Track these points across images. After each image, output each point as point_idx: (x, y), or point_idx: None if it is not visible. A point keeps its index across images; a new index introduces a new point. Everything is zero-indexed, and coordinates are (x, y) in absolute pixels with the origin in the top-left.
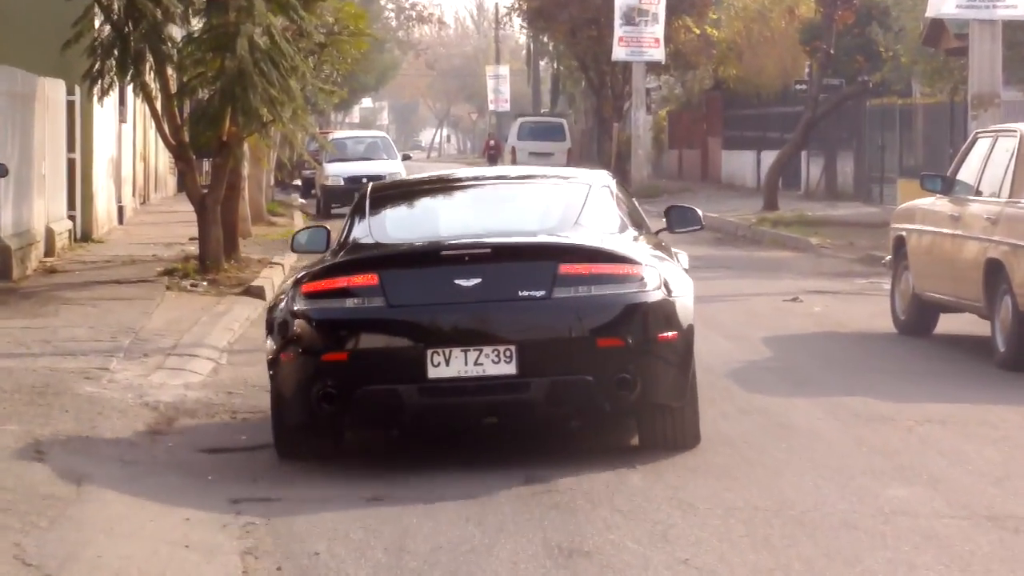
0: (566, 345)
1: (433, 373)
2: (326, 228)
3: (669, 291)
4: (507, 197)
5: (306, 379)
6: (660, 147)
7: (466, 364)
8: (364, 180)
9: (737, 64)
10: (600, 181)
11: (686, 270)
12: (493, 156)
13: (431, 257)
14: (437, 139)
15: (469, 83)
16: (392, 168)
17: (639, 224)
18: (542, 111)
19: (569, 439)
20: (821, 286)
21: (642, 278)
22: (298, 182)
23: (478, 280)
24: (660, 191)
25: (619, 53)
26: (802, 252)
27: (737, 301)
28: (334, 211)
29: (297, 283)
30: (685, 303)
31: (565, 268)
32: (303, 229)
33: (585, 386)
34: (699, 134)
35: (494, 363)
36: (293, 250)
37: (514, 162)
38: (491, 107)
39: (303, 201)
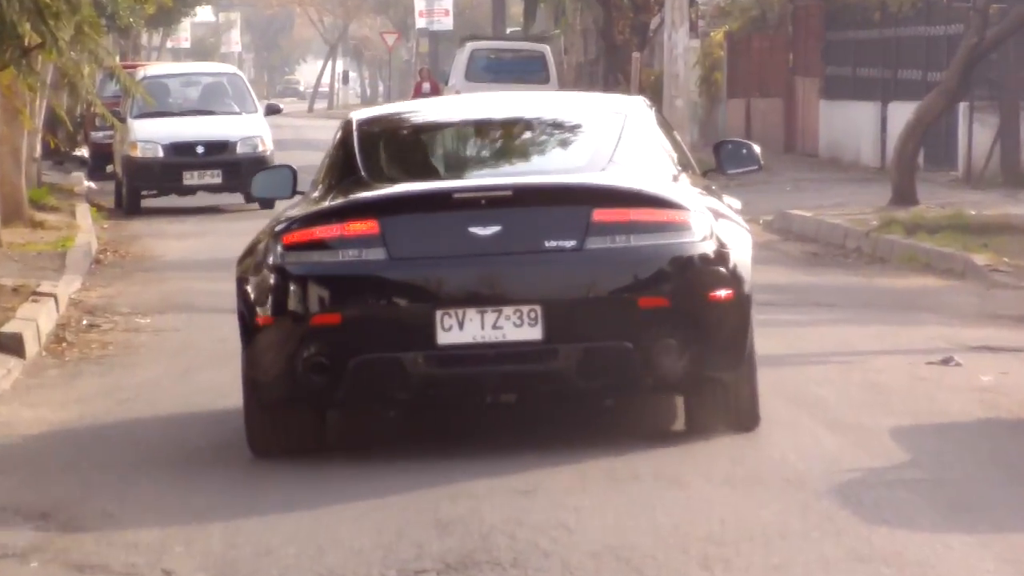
0: (601, 305)
1: (443, 339)
2: (291, 167)
3: (722, 243)
4: (527, 130)
5: (291, 347)
6: (713, 93)
7: (483, 328)
8: (199, 149)
9: None
10: (638, 109)
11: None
12: None
13: (442, 201)
14: (327, 78)
15: None
16: (248, 128)
17: (684, 164)
18: (509, 31)
19: (597, 420)
20: (992, 339)
21: (690, 226)
22: (84, 152)
23: (497, 228)
24: (712, 168)
25: None
26: (959, 279)
27: (849, 364)
28: (146, 202)
29: (277, 233)
30: (742, 256)
31: (599, 214)
32: (264, 170)
33: (624, 354)
34: (781, 72)
35: (516, 327)
36: (252, 196)
37: None
38: (420, 23)
39: (92, 185)
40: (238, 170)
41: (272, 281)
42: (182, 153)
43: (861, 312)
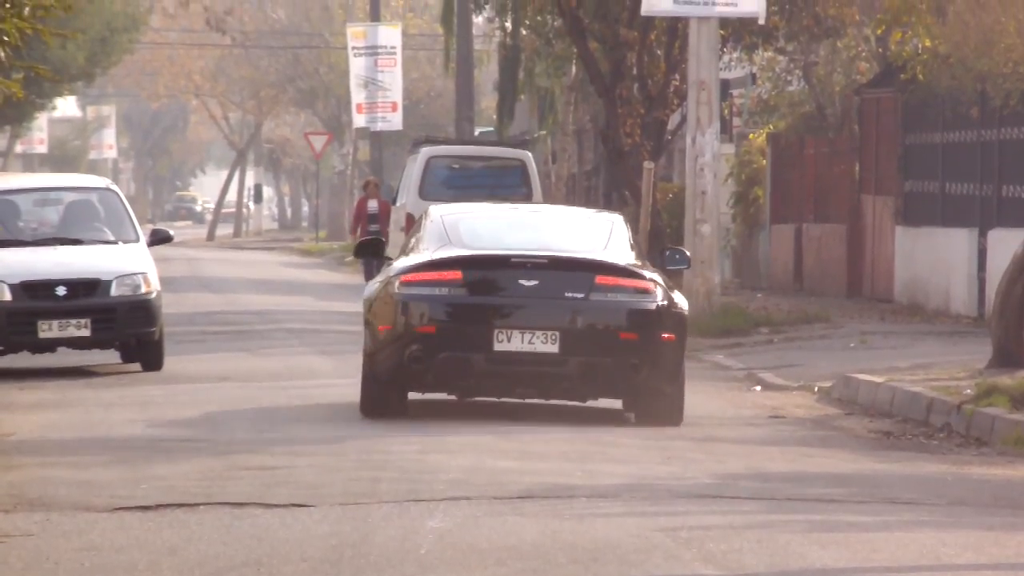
0: (596, 335)
1: (497, 347)
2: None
3: (672, 303)
4: (552, 223)
5: (401, 345)
6: (752, 216)
7: (522, 343)
8: (60, 291)
9: (935, 30)
10: (617, 218)
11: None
12: (372, 238)
13: (502, 262)
14: (233, 194)
15: (308, 66)
16: (126, 262)
17: (641, 254)
18: (478, 132)
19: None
20: None
21: (654, 292)
22: None
23: (536, 282)
24: (752, 323)
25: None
26: None
27: None
28: None
29: (398, 273)
30: (682, 313)
31: (600, 279)
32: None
33: (607, 366)
34: (843, 188)
35: (542, 343)
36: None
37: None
38: (358, 121)
39: None
40: (112, 318)
41: (393, 304)
42: (37, 296)
43: (951, 512)
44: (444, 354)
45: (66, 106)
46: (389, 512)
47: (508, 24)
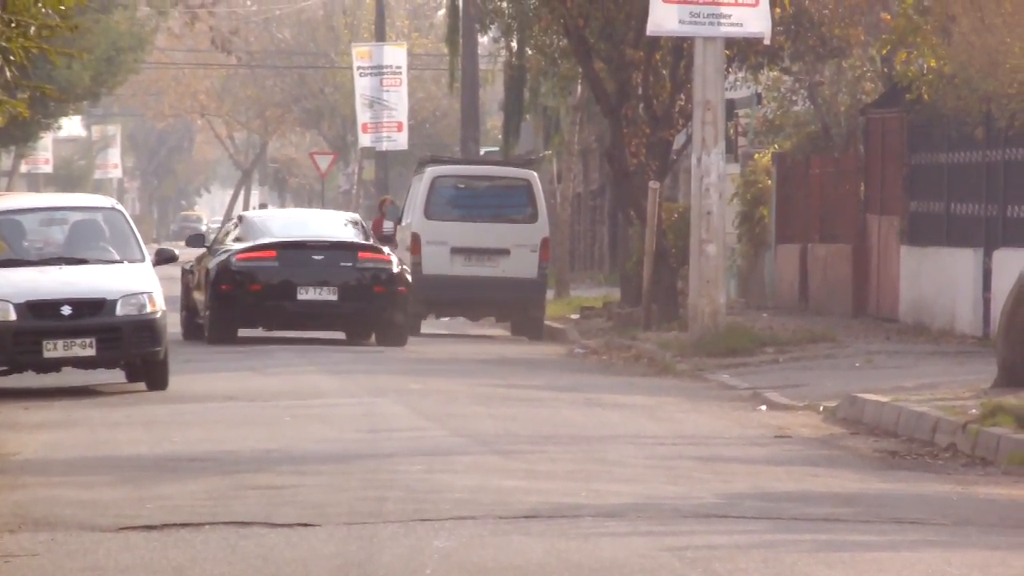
0: (360, 289)
1: (300, 297)
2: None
3: (403, 270)
4: (326, 221)
5: (238, 297)
6: (757, 236)
7: (316, 294)
8: (65, 311)
9: (940, 50)
10: (359, 217)
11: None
12: None
13: (301, 245)
14: (240, 206)
15: (313, 86)
16: (131, 281)
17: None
18: (483, 152)
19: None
20: None
21: (393, 262)
22: None
23: (322, 257)
24: (758, 343)
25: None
26: None
27: None
28: None
29: (233, 254)
30: (407, 275)
31: (362, 254)
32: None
33: (368, 309)
34: (849, 208)
35: (329, 295)
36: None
37: (418, 262)
38: (364, 140)
39: None
40: (118, 338)
41: (233, 272)
42: (42, 315)
43: (957, 532)
44: (268, 303)
45: (71, 126)
46: (395, 531)
47: (514, 44)
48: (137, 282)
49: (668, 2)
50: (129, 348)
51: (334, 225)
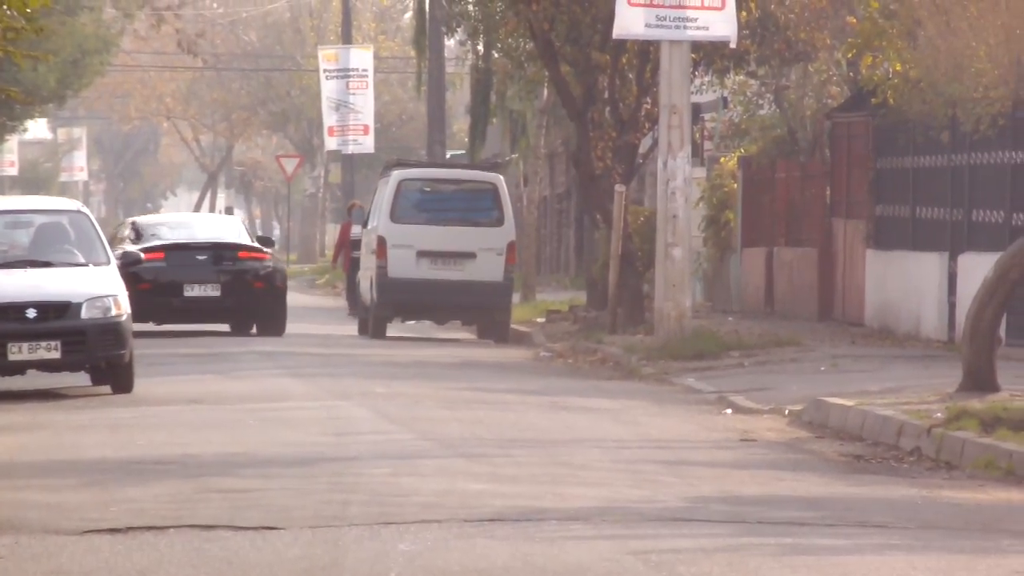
0: (241, 285)
1: (186, 293)
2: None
3: (278, 267)
4: (211, 224)
5: (133, 293)
6: (723, 240)
7: (200, 292)
8: (29, 314)
9: (906, 54)
10: (239, 218)
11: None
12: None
13: (187, 247)
14: (206, 209)
15: (279, 89)
16: (96, 284)
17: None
18: (449, 155)
19: None
20: None
21: (269, 261)
22: None
23: (206, 257)
24: (723, 347)
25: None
26: None
27: None
28: None
29: (139, 252)
30: (285, 271)
31: (242, 254)
32: None
33: (248, 303)
34: (815, 212)
35: (212, 291)
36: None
37: (384, 265)
38: (330, 143)
39: None
40: (83, 341)
41: (138, 270)
42: (7, 318)
43: (921, 536)
44: (157, 299)
45: (37, 128)
46: (360, 535)
47: (480, 47)
48: (102, 285)
49: (634, 5)
50: (94, 351)
51: (218, 228)
